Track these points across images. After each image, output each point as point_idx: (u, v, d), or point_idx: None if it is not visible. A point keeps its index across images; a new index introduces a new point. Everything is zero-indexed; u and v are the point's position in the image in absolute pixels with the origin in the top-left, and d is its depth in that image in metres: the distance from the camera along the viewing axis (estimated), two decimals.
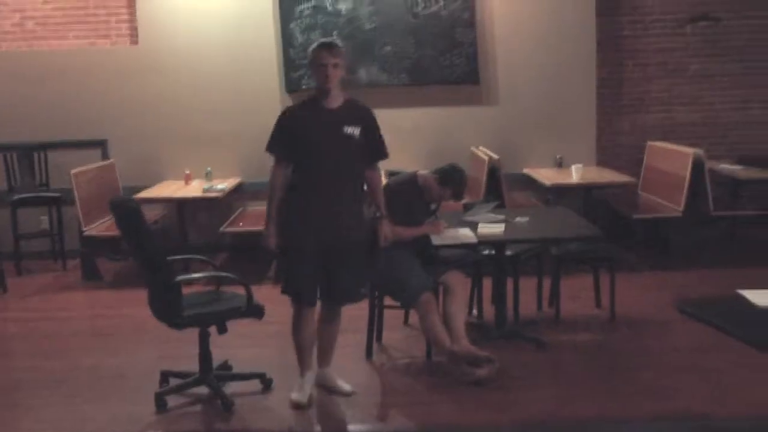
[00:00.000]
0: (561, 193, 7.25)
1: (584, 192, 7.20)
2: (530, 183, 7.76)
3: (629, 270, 6.87)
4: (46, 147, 7.85)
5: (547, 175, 7.49)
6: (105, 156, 7.96)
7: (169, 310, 4.26)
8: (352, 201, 4.31)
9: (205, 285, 5.27)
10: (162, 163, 7.99)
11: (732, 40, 8.13)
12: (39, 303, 6.65)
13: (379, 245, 4.42)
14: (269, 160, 8.20)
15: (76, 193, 6.92)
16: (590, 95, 7.95)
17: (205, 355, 4.48)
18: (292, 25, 7.76)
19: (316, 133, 4.19)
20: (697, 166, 6.88)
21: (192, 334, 4.46)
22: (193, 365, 4.54)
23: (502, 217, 5.30)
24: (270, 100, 7.86)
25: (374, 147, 4.35)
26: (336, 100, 4.23)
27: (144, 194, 7.23)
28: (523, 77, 7.95)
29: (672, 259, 7.28)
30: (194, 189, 7.39)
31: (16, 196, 7.59)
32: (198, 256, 4.76)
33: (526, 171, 7.85)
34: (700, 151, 6.95)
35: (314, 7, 7.72)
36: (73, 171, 6.98)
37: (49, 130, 7.91)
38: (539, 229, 5.33)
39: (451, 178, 4.93)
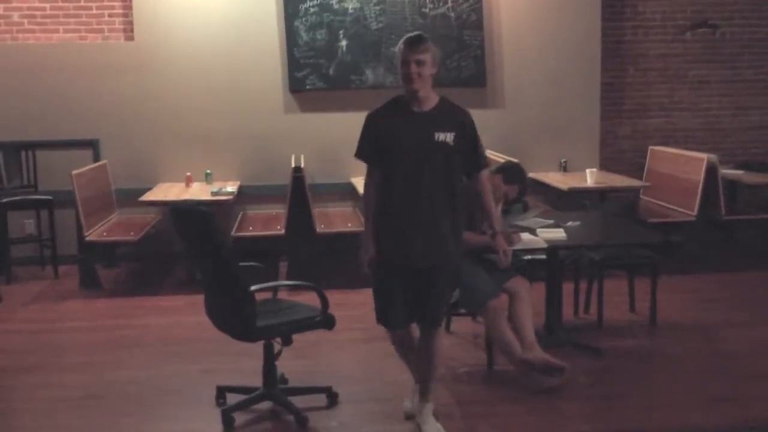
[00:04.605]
0: (574, 197, 7.20)
1: (598, 196, 7.16)
2: (535, 187, 7.68)
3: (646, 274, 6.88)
4: (34, 146, 7.40)
5: (556, 179, 7.44)
6: (96, 157, 7.52)
7: (242, 321, 4.00)
8: (441, 219, 3.75)
9: None
10: (157, 165, 7.61)
11: (729, 47, 8.24)
12: (39, 313, 6.22)
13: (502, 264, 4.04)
14: (270, 163, 7.91)
15: (77, 196, 6.51)
16: (594, 100, 7.93)
17: (270, 369, 4.24)
18: (296, 23, 7.49)
19: (403, 140, 3.70)
20: (711, 171, 6.94)
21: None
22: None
23: (552, 221, 5.19)
24: (272, 100, 7.61)
25: (469, 156, 3.83)
26: (427, 101, 3.74)
27: (149, 197, 6.88)
28: (529, 81, 7.88)
29: (684, 263, 7.29)
30: (198, 192, 7.04)
31: (5, 199, 7.07)
32: (257, 264, 4.50)
33: (532, 175, 7.75)
34: (713, 157, 7.01)
35: (320, 4, 7.46)
36: (74, 172, 6.56)
37: (36, 128, 7.45)
38: (598, 234, 5.30)
39: (517, 175, 4.88)
